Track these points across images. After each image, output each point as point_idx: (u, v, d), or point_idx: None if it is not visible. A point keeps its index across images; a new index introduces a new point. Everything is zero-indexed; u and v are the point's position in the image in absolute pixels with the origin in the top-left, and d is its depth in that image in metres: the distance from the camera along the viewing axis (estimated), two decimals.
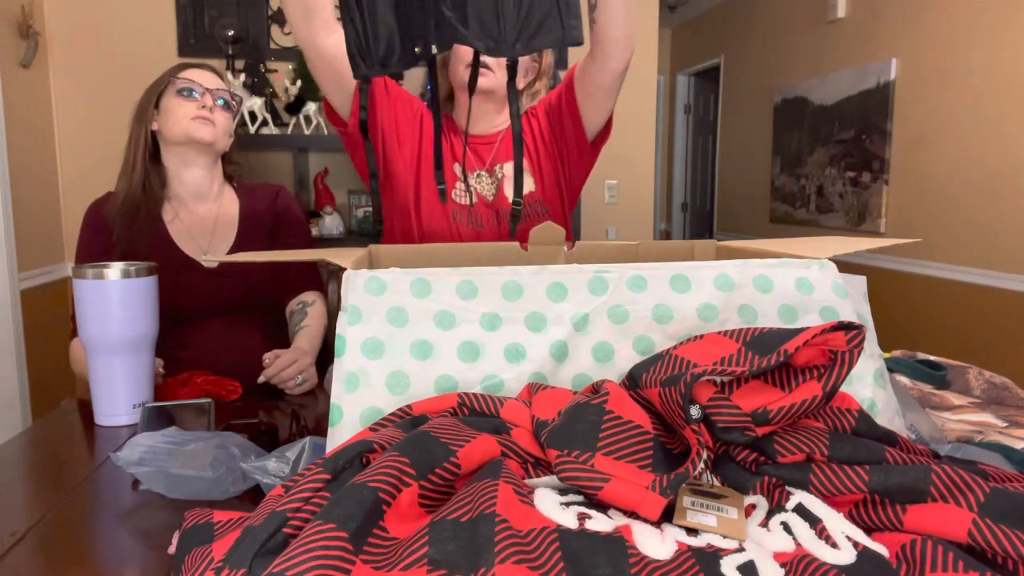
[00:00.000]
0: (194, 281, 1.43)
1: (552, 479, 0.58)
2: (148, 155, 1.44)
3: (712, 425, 0.58)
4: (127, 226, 1.41)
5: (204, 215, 1.49)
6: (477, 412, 0.64)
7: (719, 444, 0.60)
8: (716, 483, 0.58)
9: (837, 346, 0.59)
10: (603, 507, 0.54)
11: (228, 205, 1.52)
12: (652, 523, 0.52)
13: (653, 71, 3.32)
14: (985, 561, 0.46)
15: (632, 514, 0.53)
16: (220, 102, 1.43)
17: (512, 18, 0.84)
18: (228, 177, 1.55)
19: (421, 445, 0.55)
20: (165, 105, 1.41)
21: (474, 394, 0.66)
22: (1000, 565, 0.46)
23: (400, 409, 0.65)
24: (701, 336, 0.65)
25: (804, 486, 0.54)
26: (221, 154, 1.49)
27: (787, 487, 0.54)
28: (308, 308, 1.44)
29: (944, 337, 2.61)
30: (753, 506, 0.56)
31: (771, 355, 0.58)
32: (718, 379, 0.58)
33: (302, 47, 1.20)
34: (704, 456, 0.57)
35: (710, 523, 0.52)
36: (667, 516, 0.53)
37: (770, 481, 0.56)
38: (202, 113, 1.39)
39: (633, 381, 0.66)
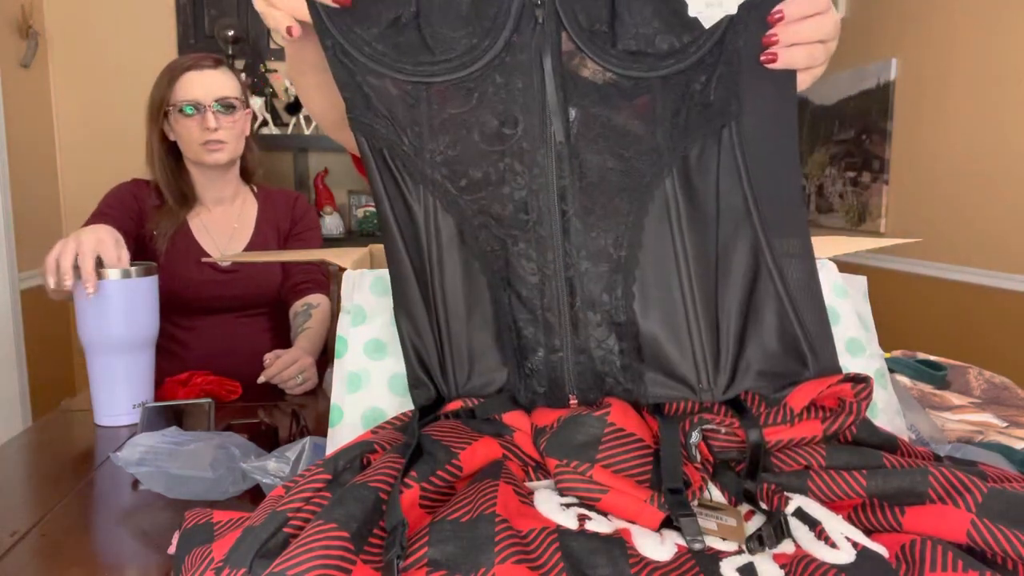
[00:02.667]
0: (206, 276, 1.44)
1: (552, 482, 0.57)
2: (164, 156, 1.45)
3: (710, 446, 0.59)
4: (155, 212, 1.44)
5: (222, 216, 1.50)
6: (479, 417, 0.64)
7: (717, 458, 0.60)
8: (716, 491, 0.58)
9: (846, 396, 0.60)
10: (602, 511, 0.54)
11: (246, 207, 1.53)
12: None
13: None
14: (984, 561, 0.46)
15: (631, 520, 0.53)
16: (219, 108, 1.40)
17: (711, 341, 0.62)
18: (247, 173, 1.55)
19: (423, 447, 0.55)
20: (174, 121, 1.41)
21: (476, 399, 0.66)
22: (1000, 565, 0.46)
23: (403, 413, 0.65)
24: None
25: (803, 492, 0.54)
26: (239, 155, 1.49)
27: (785, 493, 0.54)
28: (312, 310, 1.44)
29: (944, 337, 2.61)
30: (752, 512, 0.56)
31: (776, 408, 0.59)
32: (723, 431, 0.58)
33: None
34: (705, 493, 0.57)
35: (710, 527, 0.52)
36: (665, 524, 0.53)
37: (769, 488, 0.56)
38: (209, 137, 1.39)
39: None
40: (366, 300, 0.71)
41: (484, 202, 0.63)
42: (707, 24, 0.61)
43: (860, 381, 0.60)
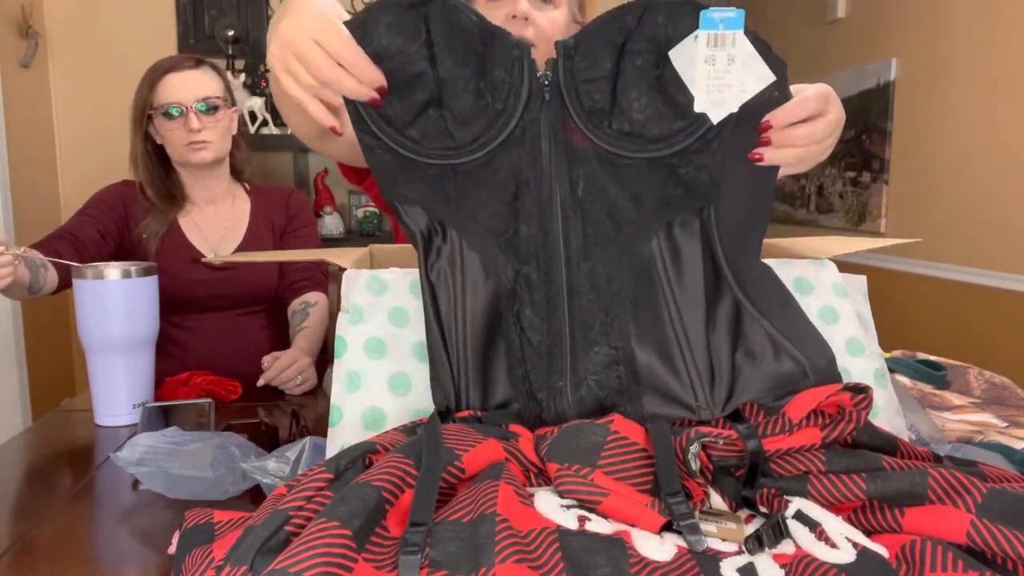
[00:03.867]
0: (201, 275, 1.43)
1: (553, 488, 0.57)
2: (149, 159, 1.45)
3: (708, 455, 0.59)
4: (145, 214, 1.44)
5: (213, 215, 1.50)
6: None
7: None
8: (716, 497, 0.58)
9: (845, 404, 0.60)
10: (603, 514, 0.54)
11: (239, 205, 1.53)
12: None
13: None
14: (984, 561, 0.46)
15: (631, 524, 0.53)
16: (202, 109, 1.39)
17: (704, 365, 0.66)
18: (236, 172, 1.55)
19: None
20: (158, 124, 1.41)
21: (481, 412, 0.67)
22: (999, 565, 0.46)
23: (411, 423, 0.65)
24: None
25: (803, 496, 0.54)
26: (226, 154, 1.48)
27: (786, 496, 0.54)
28: (310, 309, 1.44)
29: (944, 337, 2.61)
30: (753, 516, 0.56)
31: (775, 416, 0.60)
32: (721, 442, 0.58)
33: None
34: (707, 505, 0.57)
35: (710, 529, 0.52)
36: (666, 527, 0.53)
37: (769, 492, 0.56)
38: (193, 138, 1.38)
39: None
40: (363, 299, 0.71)
41: (504, 247, 0.69)
42: (715, 120, 0.67)
43: (860, 391, 0.60)
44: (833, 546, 0.48)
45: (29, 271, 1.18)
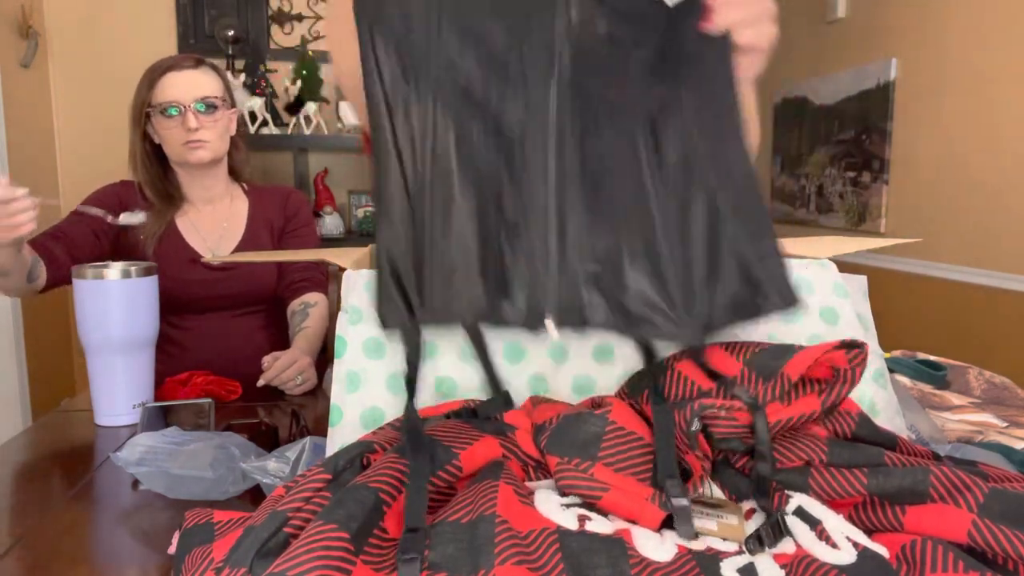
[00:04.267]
0: (199, 275, 1.43)
1: (552, 482, 0.57)
2: (147, 158, 1.45)
3: (710, 435, 0.58)
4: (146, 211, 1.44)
5: (211, 215, 1.50)
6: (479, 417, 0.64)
7: (718, 451, 0.60)
8: (716, 489, 0.58)
9: (839, 363, 0.59)
10: (603, 510, 0.54)
11: (236, 205, 1.53)
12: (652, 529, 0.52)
13: None
14: (985, 561, 0.46)
15: (632, 520, 0.53)
16: (200, 108, 1.38)
17: (678, 267, 0.63)
18: (235, 173, 1.54)
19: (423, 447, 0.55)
20: (156, 123, 1.41)
21: (477, 401, 0.66)
22: (1000, 565, 0.46)
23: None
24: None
25: (804, 490, 0.54)
26: (224, 154, 1.48)
27: (786, 491, 0.54)
28: (310, 309, 1.44)
29: (944, 337, 2.61)
30: (753, 510, 0.56)
31: (773, 380, 0.59)
32: (723, 412, 0.58)
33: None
34: (707, 483, 0.56)
35: (710, 527, 0.52)
36: (666, 524, 0.53)
37: (770, 485, 0.56)
38: (190, 137, 1.38)
39: (634, 389, 0.66)
40: (362, 299, 0.71)
41: (484, 116, 0.64)
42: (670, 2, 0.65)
43: (855, 347, 0.59)
44: (834, 546, 0.48)
45: (28, 260, 1.19)
